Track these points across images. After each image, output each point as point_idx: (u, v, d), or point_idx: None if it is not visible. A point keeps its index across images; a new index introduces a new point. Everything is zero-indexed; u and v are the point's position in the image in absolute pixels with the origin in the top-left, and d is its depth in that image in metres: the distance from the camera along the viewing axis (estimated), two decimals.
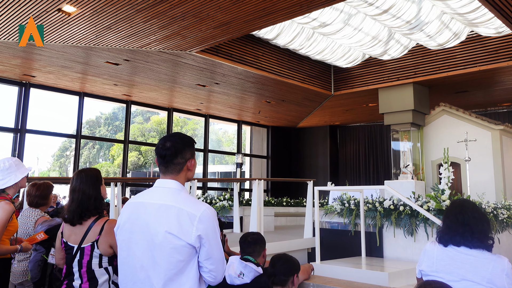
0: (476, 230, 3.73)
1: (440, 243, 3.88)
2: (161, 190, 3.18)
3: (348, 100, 19.23)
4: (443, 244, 3.84)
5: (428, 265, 3.90)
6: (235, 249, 6.55)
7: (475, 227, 3.74)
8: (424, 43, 15.30)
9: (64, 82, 16.29)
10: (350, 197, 9.58)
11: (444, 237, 3.85)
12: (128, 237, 3.17)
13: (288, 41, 15.32)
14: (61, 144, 44.22)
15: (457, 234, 3.76)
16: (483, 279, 3.62)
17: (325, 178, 23.18)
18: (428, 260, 3.92)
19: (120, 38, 12.02)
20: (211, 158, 30.67)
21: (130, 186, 24.90)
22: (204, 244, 3.00)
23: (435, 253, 3.87)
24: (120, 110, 42.14)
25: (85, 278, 3.93)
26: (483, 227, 3.76)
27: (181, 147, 3.21)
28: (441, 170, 8.78)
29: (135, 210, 3.21)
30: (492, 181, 15.15)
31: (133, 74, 15.31)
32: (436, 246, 3.90)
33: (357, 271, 7.16)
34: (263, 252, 5.44)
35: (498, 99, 18.65)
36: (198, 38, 12.21)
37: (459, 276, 3.69)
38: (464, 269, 3.69)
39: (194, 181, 11.21)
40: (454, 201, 4.10)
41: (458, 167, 15.39)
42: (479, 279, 3.63)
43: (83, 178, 4.16)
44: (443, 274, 3.76)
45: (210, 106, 20.41)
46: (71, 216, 4.04)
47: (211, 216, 3.08)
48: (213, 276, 3.10)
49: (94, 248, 3.94)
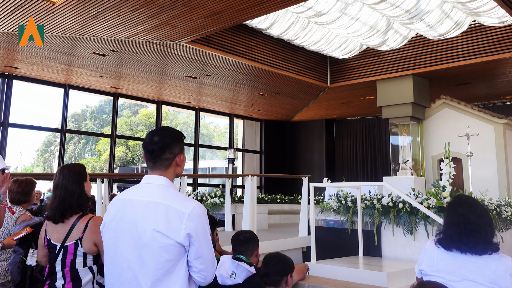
0: (481, 239, 3.69)
1: (442, 247, 3.86)
2: (149, 187, 3.16)
3: (345, 92, 19.24)
4: (446, 248, 3.81)
5: (428, 264, 3.89)
6: (227, 248, 6.55)
7: (478, 236, 3.69)
8: (424, 33, 15.31)
9: (48, 74, 16.23)
10: (347, 194, 9.56)
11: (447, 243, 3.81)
12: (114, 235, 3.16)
13: (282, 31, 15.30)
14: (45, 138, 44.08)
15: (461, 243, 3.73)
16: (486, 279, 3.61)
17: (320, 174, 23.23)
18: (428, 259, 3.91)
19: (107, 28, 11.97)
20: (201, 153, 30.59)
21: (117, 183, 24.82)
22: (194, 242, 3.00)
23: (436, 252, 3.86)
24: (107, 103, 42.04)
25: (68, 277, 3.92)
26: (487, 234, 3.72)
27: (169, 141, 3.20)
28: (442, 165, 8.77)
29: (121, 208, 3.19)
30: (495, 177, 15.18)
31: (121, 65, 15.26)
32: (436, 246, 3.90)
33: (354, 271, 7.16)
34: (256, 251, 5.44)
35: (502, 92, 18.68)
36: (188, 28, 12.18)
37: (461, 276, 3.68)
38: (466, 269, 3.68)
39: (184, 177, 11.18)
40: (455, 203, 3.98)
41: (460, 163, 15.40)
42: (482, 279, 3.62)
43: (66, 174, 4.15)
44: (444, 274, 3.76)
45: (200, 99, 20.39)
46: (53, 214, 4.03)
47: (201, 214, 3.07)
48: (203, 276, 3.09)
49: (78, 246, 3.93)
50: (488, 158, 15.39)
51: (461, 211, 3.83)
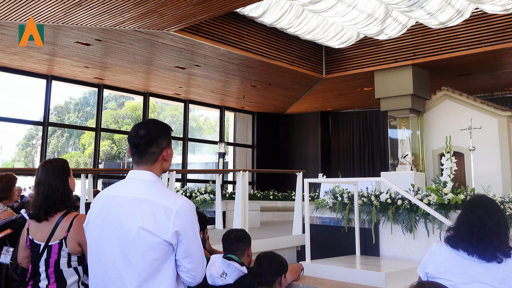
0: (492, 246, 3.69)
1: (449, 245, 3.86)
2: (135, 182, 3.16)
3: (341, 83, 19.23)
4: (453, 247, 3.82)
5: (434, 267, 3.89)
6: (217, 247, 6.54)
7: (490, 242, 3.69)
8: (424, 22, 15.29)
9: (30, 64, 16.16)
10: (343, 190, 9.58)
11: (455, 241, 3.82)
12: (98, 233, 3.15)
13: (275, 19, 15.26)
14: (27, 132, 43.99)
15: (470, 245, 3.73)
16: (495, 280, 3.64)
17: (315, 169, 23.19)
18: (434, 262, 3.91)
19: (91, 16, 11.90)
20: (191, 147, 30.60)
21: (102, 178, 24.82)
22: (182, 241, 3.00)
23: (443, 254, 3.86)
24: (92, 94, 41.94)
25: (52, 278, 3.92)
26: (501, 243, 3.72)
27: (156, 135, 3.20)
28: (443, 160, 8.80)
29: (106, 204, 3.18)
30: (499, 173, 15.19)
31: (106, 55, 15.20)
32: (443, 247, 3.89)
33: (351, 271, 7.17)
34: (247, 251, 5.44)
35: (505, 83, 18.69)
36: (177, 15, 12.12)
37: (470, 278, 3.70)
38: (475, 270, 3.70)
39: (173, 173, 11.17)
40: (474, 204, 3.97)
41: (462, 157, 15.43)
42: (491, 280, 3.64)
43: (49, 169, 4.15)
44: (452, 276, 3.77)
45: (190, 91, 20.37)
46: (37, 212, 4.02)
47: (190, 210, 3.06)
48: (192, 276, 3.09)
49: (62, 246, 3.93)
50: (491, 152, 15.40)
51: (479, 213, 3.82)
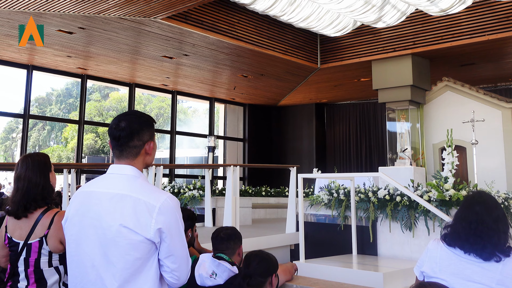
0: (490, 244, 3.69)
1: (445, 243, 3.86)
2: (115, 177, 3.13)
3: (337, 74, 19.23)
4: (449, 245, 3.83)
5: (430, 266, 3.90)
6: (207, 246, 6.53)
7: (488, 240, 3.70)
8: (424, 9, 15.27)
9: (9, 54, 16.11)
10: (339, 186, 9.57)
11: (451, 239, 3.83)
12: (77, 231, 3.13)
13: (267, 6, 15.21)
14: (6, 124, 44.03)
15: (466, 243, 3.73)
16: (492, 281, 3.64)
17: (310, 164, 23.26)
18: (430, 260, 3.92)
19: (74, 3, 11.84)
20: (179, 140, 30.61)
21: (85, 173, 24.85)
22: (165, 239, 2.98)
23: (439, 252, 3.87)
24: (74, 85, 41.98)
25: (32, 279, 3.91)
26: (499, 240, 3.72)
27: (137, 127, 3.17)
28: (444, 154, 8.80)
29: (85, 201, 3.16)
30: (503, 167, 15.21)
31: (89, 44, 15.16)
32: (440, 245, 3.90)
33: (347, 271, 7.16)
34: (238, 250, 5.44)
35: (510, 73, 18.71)
36: (164, 2, 12.08)
37: (466, 277, 3.70)
38: (471, 270, 3.70)
39: (160, 168, 11.16)
40: (472, 199, 3.97)
41: (464, 151, 15.46)
42: (488, 280, 3.64)
43: (29, 164, 4.14)
44: (447, 275, 3.77)
45: (178, 81, 20.37)
46: (15, 208, 4.01)
47: (173, 207, 3.05)
48: (176, 277, 3.07)
49: (42, 244, 3.92)
50: (495, 146, 15.42)
51: (477, 209, 3.81)
